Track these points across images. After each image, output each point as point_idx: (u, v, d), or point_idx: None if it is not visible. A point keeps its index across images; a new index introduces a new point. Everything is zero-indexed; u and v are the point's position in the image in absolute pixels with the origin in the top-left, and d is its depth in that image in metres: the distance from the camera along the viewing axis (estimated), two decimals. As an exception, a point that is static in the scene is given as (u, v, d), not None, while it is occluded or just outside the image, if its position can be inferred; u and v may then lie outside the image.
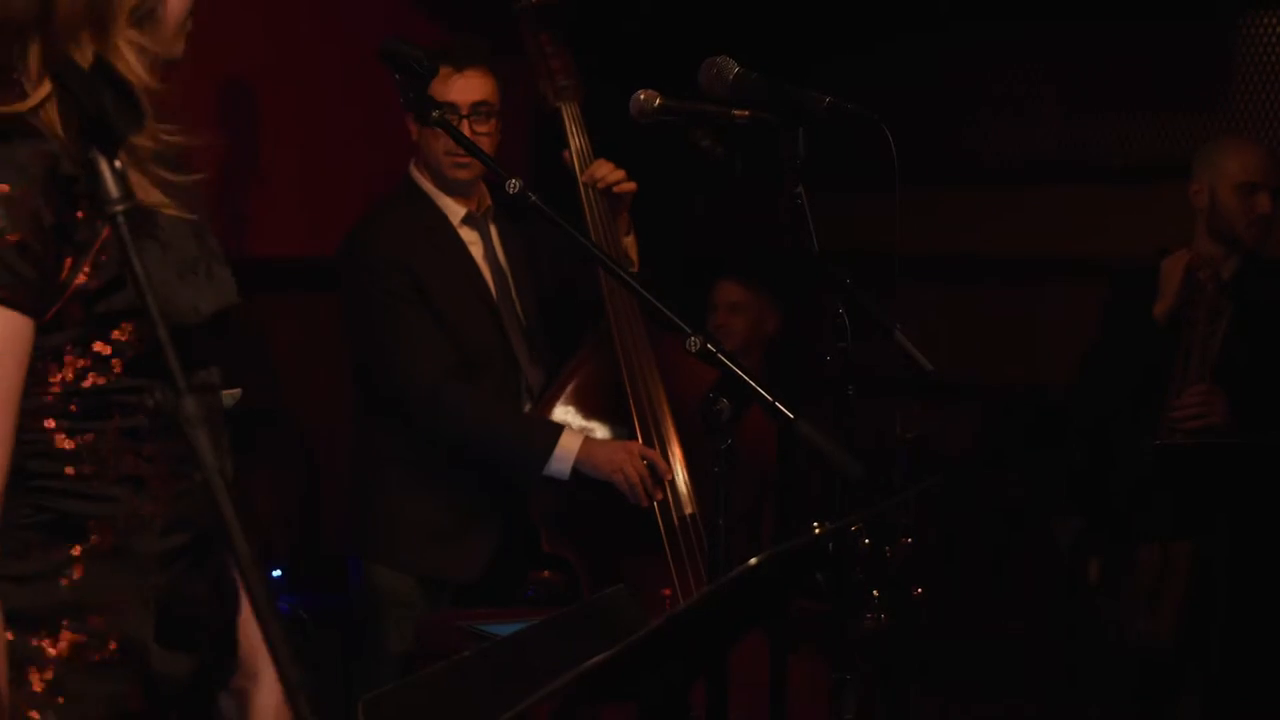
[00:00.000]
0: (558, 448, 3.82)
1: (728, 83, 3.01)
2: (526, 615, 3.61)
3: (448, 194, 4.05)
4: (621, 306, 3.94)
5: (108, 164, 1.65)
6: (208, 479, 1.59)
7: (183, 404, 1.60)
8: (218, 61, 4.87)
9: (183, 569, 2.10)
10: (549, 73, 4.04)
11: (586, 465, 3.81)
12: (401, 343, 3.93)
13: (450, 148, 3.93)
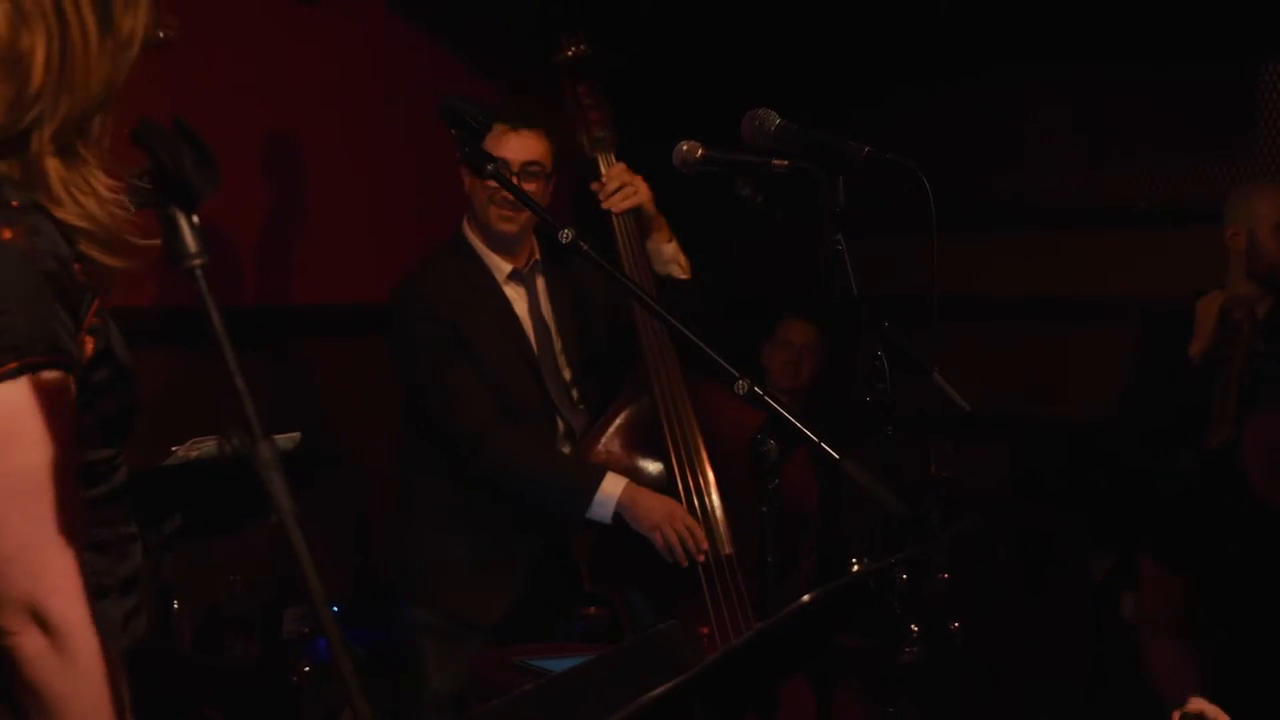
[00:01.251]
0: (599, 491, 3.84)
1: (769, 133, 3.04)
2: (576, 650, 3.63)
3: (495, 250, 4.09)
4: (656, 349, 3.97)
5: (186, 220, 1.67)
6: (283, 520, 1.62)
7: (259, 449, 1.63)
8: (277, 116, 4.95)
9: (139, 629, 2.09)
10: (586, 124, 4.07)
11: (628, 513, 3.83)
12: (448, 390, 3.98)
13: (497, 199, 3.96)
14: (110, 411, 1.98)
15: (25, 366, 1.80)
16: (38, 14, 1.88)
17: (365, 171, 5.30)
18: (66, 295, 1.85)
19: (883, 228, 4.24)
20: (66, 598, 1.85)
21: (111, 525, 2.05)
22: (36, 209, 1.86)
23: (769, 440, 2.46)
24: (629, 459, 3.97)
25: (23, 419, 1.80)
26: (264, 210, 5.05)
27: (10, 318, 1.79)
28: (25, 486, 1.82)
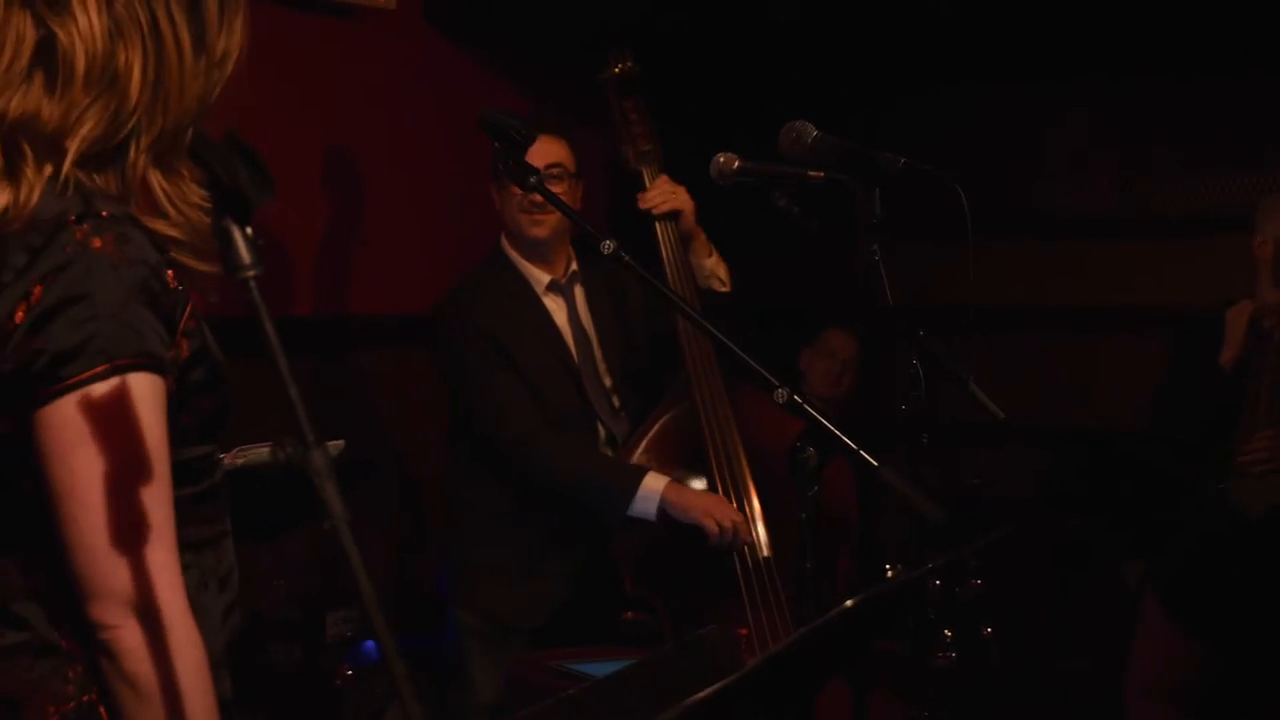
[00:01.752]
0: (642, 487, 3.86)
1: (807, 145, 3.05)
2: (614, 654, 3.64)
3: (533, 261, 4.14)
4: (698, 357, 3.99)
5: (240, 232, 1.69)
6: (337, 526, 1.63)
7: (312, 457, 1.64)
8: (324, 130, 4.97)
9: (236, 625, 2.13)
10: (631, 138, 4.10)
11: (676, 508, 3.84)
12: (493, 398, 4.03)
13: (524, 205, 4.02)
14: (207, 409, 2.03)
15: (115, 369, 1.85)
16: (135, 31, 1.95)
17: (413, 183, 5.32)
18: (157, 301, 1.91)
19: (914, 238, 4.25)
20: (166, 590, 1.88)
21: (210, 522, 2.09)
22: (127, 219, 1.92)
23: (808, 448, 2.47)
24: (669, 465, 4.00)
25: (114, 418, 1.86)
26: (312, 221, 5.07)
27: (100, 323, 1.84)
28: (122, 483, 1.86)
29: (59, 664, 1.96)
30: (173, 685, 1.89)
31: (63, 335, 1.84)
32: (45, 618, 1.97)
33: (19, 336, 1.86)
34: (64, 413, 1.85)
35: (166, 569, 1.89)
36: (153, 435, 1.88)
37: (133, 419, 1.86)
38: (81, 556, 1.87)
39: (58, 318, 1.85)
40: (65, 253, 1.86)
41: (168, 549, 1.90)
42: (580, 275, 4.20)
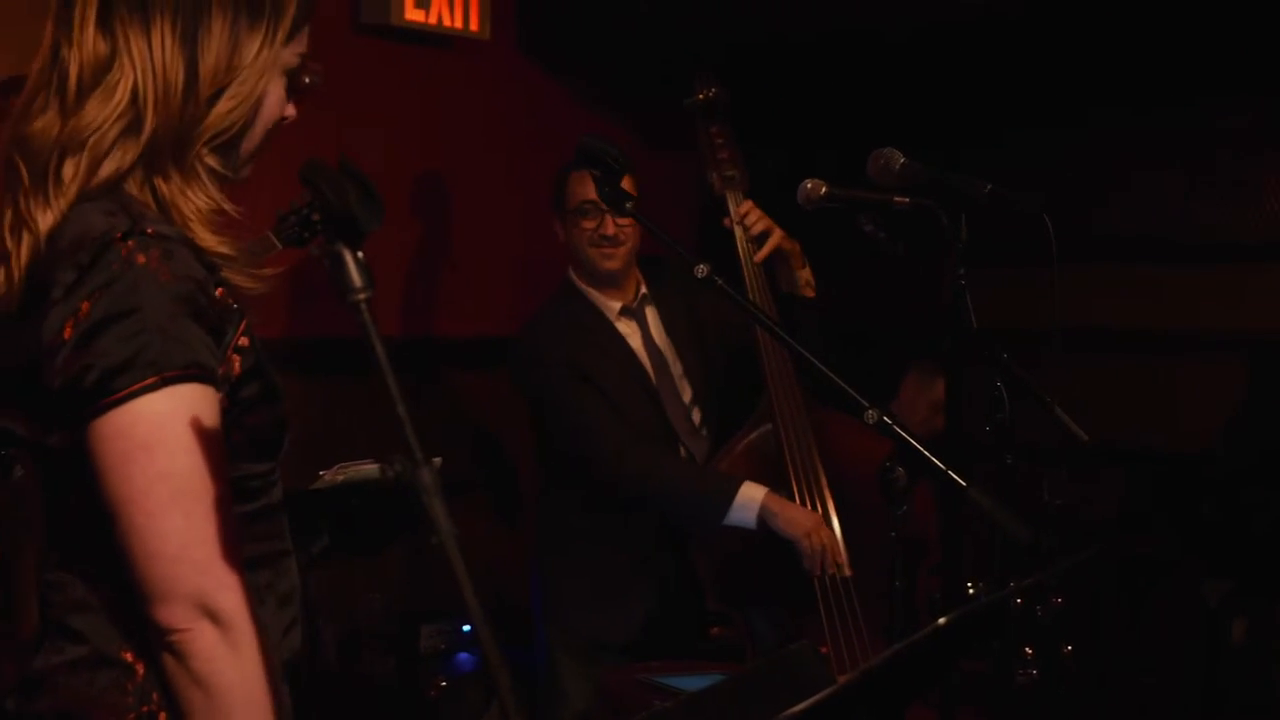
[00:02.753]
0: (739, 496, 3.83)
1: (894, 172, 3.04)
2: (701, 668, 3.65)
3: (602, 290, 4.15)
4: (780, 377, 3.97)
5: (352, 256, 1.69)
6: (444, 541, 1.62)
7: (420, 474, 1.64)
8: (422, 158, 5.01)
9: (296, 642, 2.13)
10: (716, 163, 4.09)
11: (778, 518, 3.80)
12: (581, 419, 4.03)
13: (595, 239, 4.07)
14: (259, 426, 2.03)
15: (164, 380, 1.86)
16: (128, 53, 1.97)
17: (503, 208, 5.35)
18: (204, 315, 1.92)
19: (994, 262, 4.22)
20: (233, 591, 1.89)
21: (268, 541, 2.09)
22: (173, 237, 1.92)
23: (898, 468, 2.44)
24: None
25: (167, 427, 1.86)
26: (404, 245, 5.10)
27: (148, 336, 1.85)
28: (182, 488, 1.87)
29: (118, 676, 1.97)
30: (240, 686, 1.90)
31: (112, 349, 1.85)
32: (105, 631, 1.98)
33: (67, 352, 1.87)
34: (117, 424, 1.86)
35: (227, 572, 1.90)
36: (207, 443, 1.89)
37: (186, 428, 1.87)
38: (146, 562, 1.87)
39: (106, 332, 1.86)
40: (112, 269, 1.87)
41: (230, 551, 1.90)
42: (650, 297, 4.21)
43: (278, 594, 2.09)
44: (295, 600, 2.15)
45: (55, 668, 2.00)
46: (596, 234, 4.06)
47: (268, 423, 2.04)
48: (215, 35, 2.00)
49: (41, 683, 2.00)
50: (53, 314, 1.89)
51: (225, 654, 1.89)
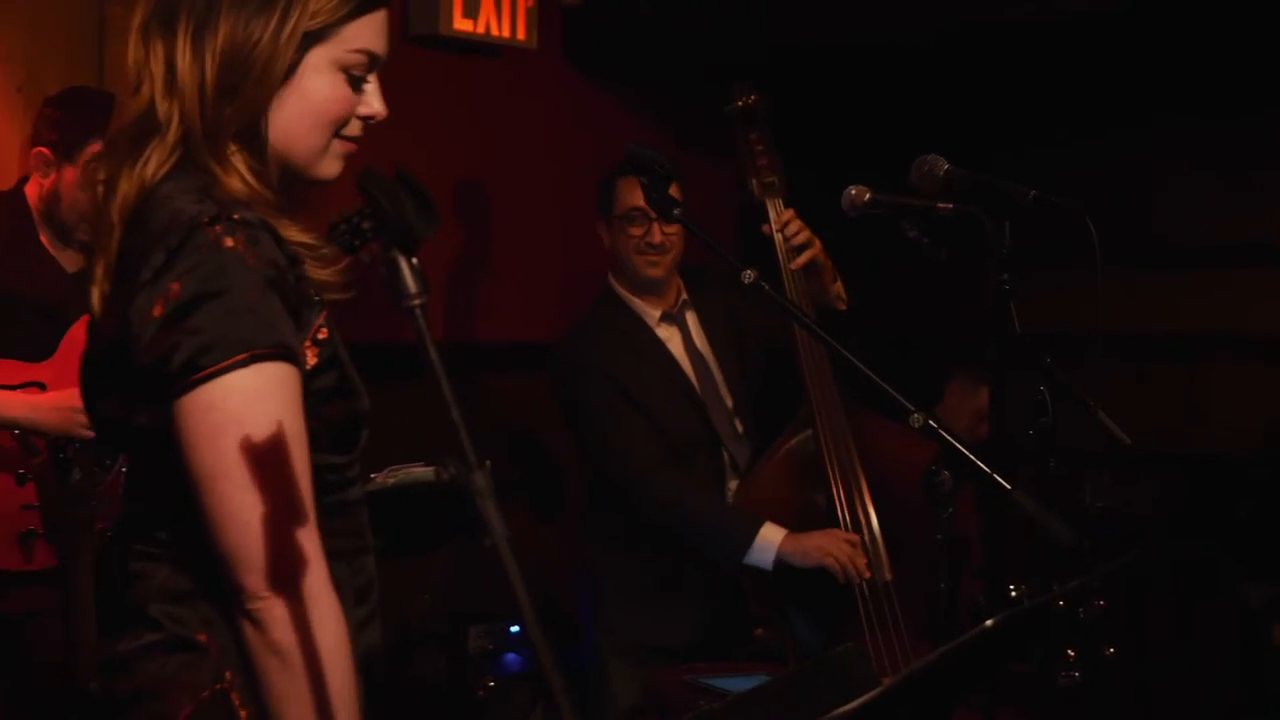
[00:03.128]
0: (758, 538, 3.85)
1: (938, 178, 3.04)
2: (746, 669, 3.65)
3: (643, 296, 4.15)
4: (819, 382, 3.96)
5: (407, 262, 1.70)
6: (497, 543, 1.64)
7: (474, 478, 1.65)
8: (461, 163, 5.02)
9: (373, 639, 2.16)
10: (755, 170, 4.08)
11: (793, 556, 3.81)
12: (614, 440, 4.05)
13: (641, 247, 4.07)
14: (334, 419, 2.06)
15: (254, 357, 1.90)
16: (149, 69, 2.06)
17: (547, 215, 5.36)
18: (287, 299, 1.95)
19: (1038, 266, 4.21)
20: (314, 564, 1.94)
21: (346, 535, 2.12)
22: (258, 223, 1.97)
23: (943, 471, 2.44)
24: (793, 489, 3.97)
25: (256, 403, 1.91)
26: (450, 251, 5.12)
27: (238, 316, 1.90)
28: (269, 462, 1.91)
29: (193, 658, 2.01)
30: (316, 655, 1.93)
31: (202, 327, 1.90)
32: (182, 616, 2.02)
33: (156, 330, 1.92)
34: (208, 398, 1.90)
35: (310, 544, 1.94)
36: (292, 419, 1.94)
37: (273, 403, 1.92)
38: (233, 532, 1.91)
39: (196, 311, 1.90)
40: (201, 252, 1.92)
41: (312, 527, 1.95)
42: (690, 302, 4.21)
43: (354, 589, 2.12)
44: (372, 596, 2.18)
45: (134, 651, 2.04)
46: (643, 241, 4.07)
47: (343, 416, 2.08)
48: (223, 27, 2.03)
49: (122, 666, 2.04)
50: (141, 295, 1.93)
51: (300, 625, 1.92)
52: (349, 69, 2.10)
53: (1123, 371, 5.61)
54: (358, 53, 2.10)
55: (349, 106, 2.12)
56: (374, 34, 2.11)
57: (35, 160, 3.88)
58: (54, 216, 3.89)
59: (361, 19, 2.09)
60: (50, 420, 3.70)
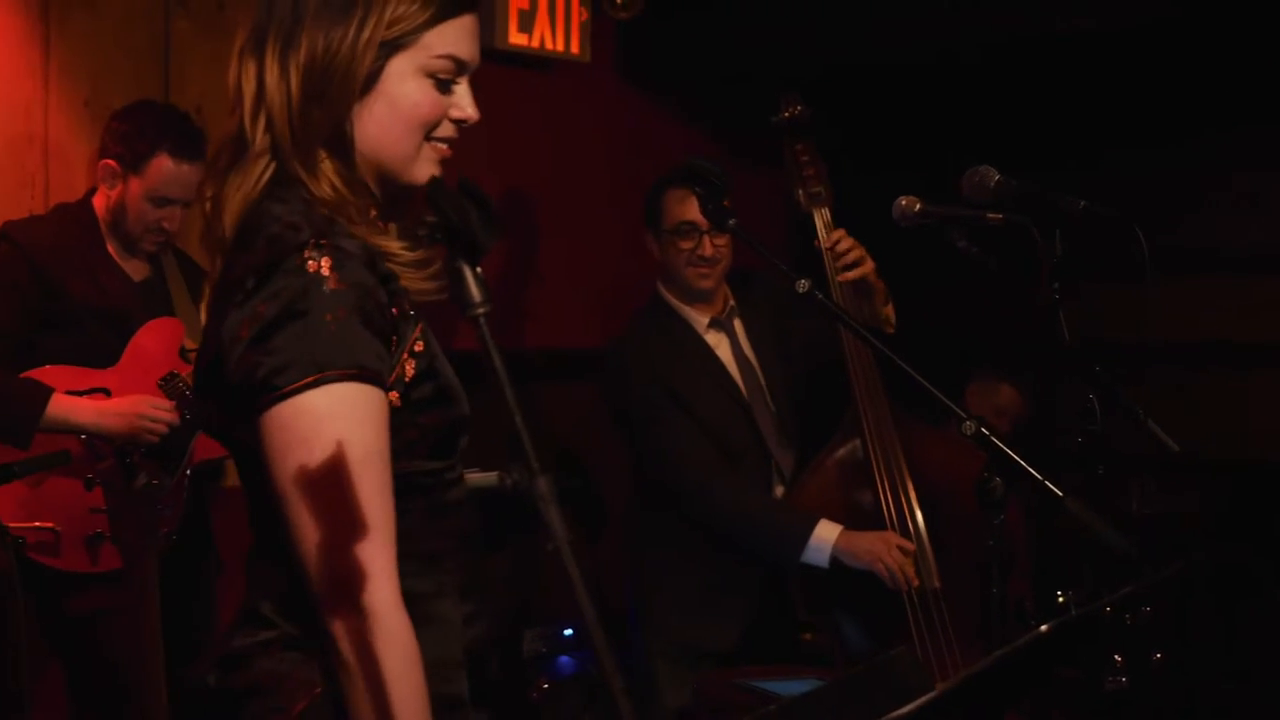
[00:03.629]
0: (813, 537, 3.85)
1: (989, 189, 3.03)
2: (795, 673, 3.64)
3: (692, 304, 4.14)
4: (867, 391, 3.95)
5: (471, 272, 1.71)
6: (559, 547, 1.63)
7: (537, 483, 1.65)
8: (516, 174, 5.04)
9: (479, 633, 2.16)
10: (802, 180, 4.07)
11: (845, 554, 3.81)
12: (667, 445, 4.04)
13: (692, 259, 4.06)
14: (432, 426, 2.07)
15: (323, 379, 1.92)
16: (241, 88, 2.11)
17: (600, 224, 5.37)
18: (371, 321, 1.97)
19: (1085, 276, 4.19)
20: (376, 581, 1.93)
21: (447, 536, 2.13)
22: (347, 248, 1.99)
23: (995, 478, 2.43)
24: (841, 497, 3.96)
25: (325, 424, 1.92)
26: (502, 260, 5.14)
27: (315, 338, 1.92)
28: (335, 483, 1.92)
29: (306, 655, 2.03)
30: (379, 671, 1.92)
31: (281, 348, 1.93)
32: (293, 614, 2.04)
33: (243, 349, 1.95)
34: (281, 418, 1.93)
35: (377, 562, 1.94)
36: (365, 439, 1.95)
37: (344, 424, 1.93)
38: (302, 550, 1.94)
39: (278, 333, 1.93)
40: (288, 276, 1.95)
41: (380, 544, 1.94)
42: (738, 309, 4.20)
43: (456, 584, 2.13)
44: (476, 592, 2.19)
45: (250, 648, 2.07)
46: (694, 254, 4.06)
47: (441, 423, 2.09)
48: (305, 41, 2.06)
49: (238, 661, 2.07)
50: (232, 315, 1.98)
51: (364, 641, 1.92)
52: (435, 74, 2.10)
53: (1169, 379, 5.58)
54: (442, 58, 2.10)
55: (437, 111, 2.12)
56: (458, 40, 2.11)
57: (102, 172, 3.92)
58: (119, 227, 3.93)
59: (443, 25, 2.09)
60: (115, 426, 3.73)
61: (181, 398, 3.88)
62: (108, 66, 4.32)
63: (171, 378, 3.91)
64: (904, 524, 3.86)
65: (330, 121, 2.06)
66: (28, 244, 3.83)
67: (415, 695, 1.95)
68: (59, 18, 4.21)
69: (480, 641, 2.16)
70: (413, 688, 1.95)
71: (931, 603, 3.80)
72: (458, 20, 2.11)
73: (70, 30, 4.24)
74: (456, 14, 2.11)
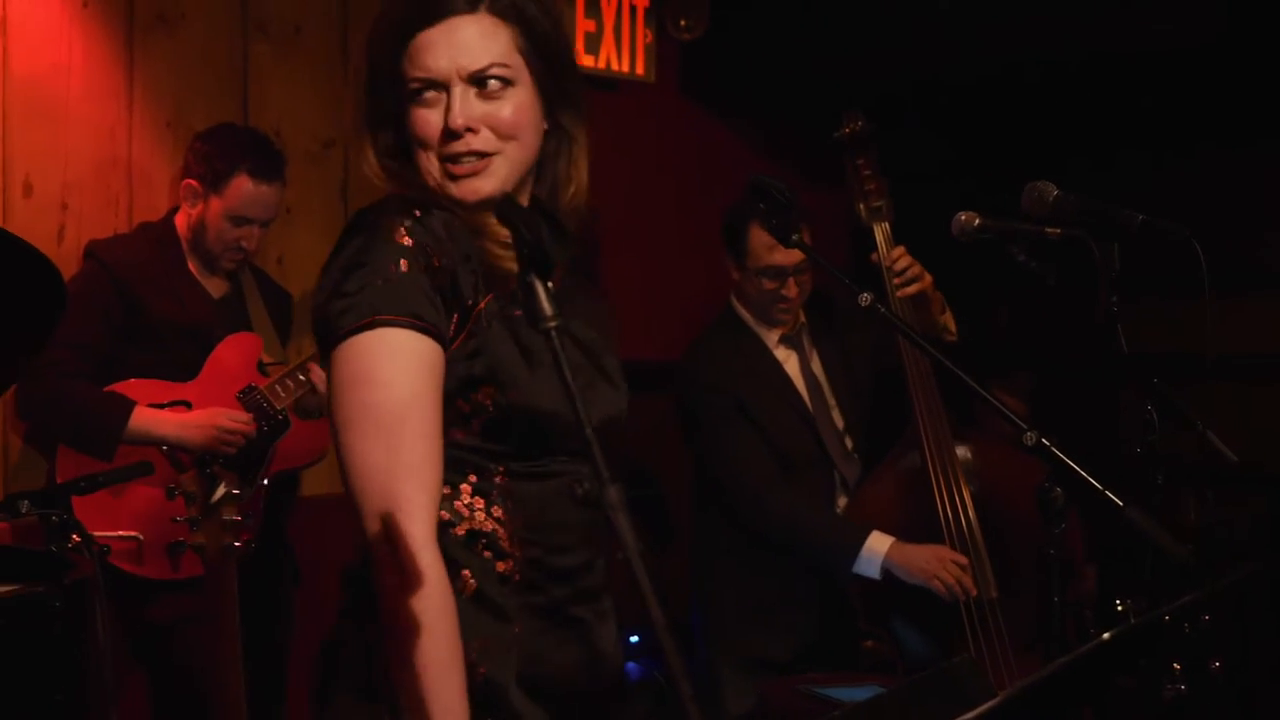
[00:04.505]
0: (865, 549, 3.84)
1: (1048, 204, 3.00)
2: (857, 680, 3.63)
3: (765, 322, 4.13)
4: (926, 404, 3.93)
5: (542, 286, 1.71)
6: (629, 556, 1.62)
7: (607, 492, 1.64)
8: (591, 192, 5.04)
9: (544, 629, 2.14)
10: (863, 194, 4.06)
11: (898, 567, 3.80)
12: (730, 455, 4.04)
13: (777, 298, 4.06)
14: (482, 407, 2.08)
15: (377, 322, 1.98)
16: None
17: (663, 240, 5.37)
18: (435, 276, 2.03)
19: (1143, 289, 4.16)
20: (412, 519, 1.97)
21: (500, 523, 2.12)
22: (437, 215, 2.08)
23: (1055, 488, 2.41)
24: (900, 507, 3.94)
25: (376, 363, 1.99)
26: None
27: (373, 284, 2.00)
28: (383, 420, 1.98)
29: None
30: (407, 604, 1.95)
31: (346, 292, 2.01)
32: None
33: (322, 297, 2.05)
34: (339, 357, 2.01)
35: (416, 501, 1.98)
36: (413, 383, 2.00)
37: (394, 367, 1.99)
38: (349, 480, 2.00)
39: (345, 280, 2.02)
40: (364, 234, 2.05)
41: (420, 484, 1.98)
42: (808, 327, 4.19)
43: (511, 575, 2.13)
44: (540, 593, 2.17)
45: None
46: (778, 294, 4.06)
47: (491, 405, 2.08)
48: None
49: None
50: (322, 276, 2.07)
51: (395, 574, 1.95)
52: (415, 97, 2.14)
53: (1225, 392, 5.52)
54: (415, 80, 2.13)
55: (429, 129, 2.14)
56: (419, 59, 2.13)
57: (185, 191, 3.95)
58: (200, 245, 3.96)
59: (407, 52, 2.13)
60: (196, 437, 3.76)
61: (259, 410, 3.91)
62: (189, 89, 4.36)
63: (250, 390, 3.94)
64: (962, 534, 3.83)
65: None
66: (112, 262, 3.87)
67: (439, 629, 1.96)
68: (142, 42, 4.26)
69: (546, 640, 2.14)
70: (435, 619, 1.96)
71: (988, 612, 3.77)
72: (415, 40, 2.12)
73: (153, 54, 4.28)
74: (412, 35, 2.13)
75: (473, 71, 2.11)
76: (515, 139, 2.14)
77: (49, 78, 4.06)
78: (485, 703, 2.05)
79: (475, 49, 2.10)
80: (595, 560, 2.21)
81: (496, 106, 2.12)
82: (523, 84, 2.14)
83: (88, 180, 4.15)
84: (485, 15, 2.12)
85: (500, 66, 2.11)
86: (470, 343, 2.07)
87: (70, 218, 4.10)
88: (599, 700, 2.23)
